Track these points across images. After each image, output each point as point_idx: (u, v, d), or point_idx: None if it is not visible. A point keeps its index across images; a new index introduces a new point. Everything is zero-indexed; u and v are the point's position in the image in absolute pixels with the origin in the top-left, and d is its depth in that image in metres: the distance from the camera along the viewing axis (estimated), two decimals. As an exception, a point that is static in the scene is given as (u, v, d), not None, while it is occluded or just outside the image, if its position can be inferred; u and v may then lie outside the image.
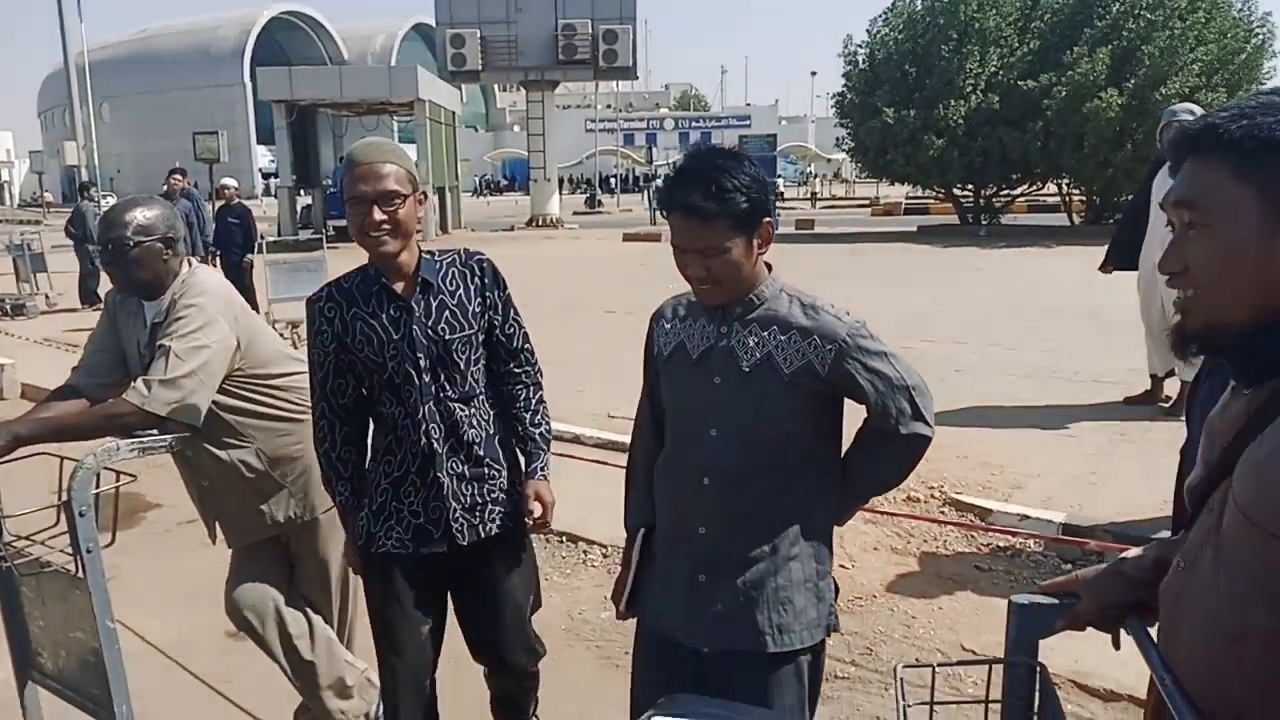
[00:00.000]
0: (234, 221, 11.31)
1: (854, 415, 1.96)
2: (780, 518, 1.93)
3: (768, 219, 1.87)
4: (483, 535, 2.35)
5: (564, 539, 4.56)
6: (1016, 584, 3.98)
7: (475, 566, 2.40)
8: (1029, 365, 7.76)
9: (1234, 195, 1.09)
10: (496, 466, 2.38)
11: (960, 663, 1.80)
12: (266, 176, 46.07)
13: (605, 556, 4.41)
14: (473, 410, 2.35)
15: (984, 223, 22.55)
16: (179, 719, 3.15)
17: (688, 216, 1.81)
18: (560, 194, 30.96)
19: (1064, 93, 19.12)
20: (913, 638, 3.59)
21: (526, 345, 2.47)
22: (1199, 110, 1.72)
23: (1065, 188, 22.44)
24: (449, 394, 2.31)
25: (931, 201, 27.05)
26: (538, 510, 2.40)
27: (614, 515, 2.24)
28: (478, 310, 2.35)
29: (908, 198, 30.41)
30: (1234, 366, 1.19)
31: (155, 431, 2.43)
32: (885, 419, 1.91)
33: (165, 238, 2.57)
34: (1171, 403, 6.20)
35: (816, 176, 47.23)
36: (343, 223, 16.92)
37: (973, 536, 4.48)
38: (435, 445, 2.30)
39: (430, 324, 2.29)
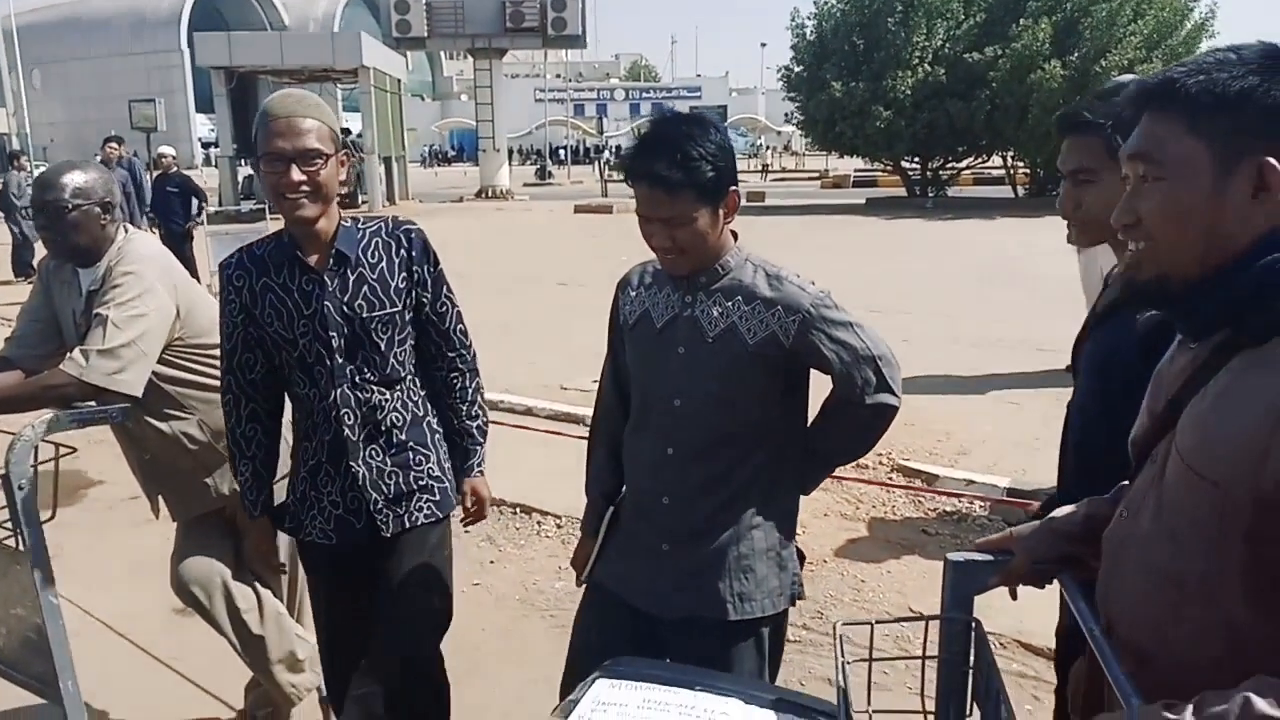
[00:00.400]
0: (173, 190, 11.01)
1: (821, 385, 1.98)
2: (744, 487, 1.93)
3: (734, 188, 1.86)
4: (408, 526, 2.23)
5: (517, 510, 4.57)
6: (963, 547, 4.07)
7: (396, 557, 2.26)
8: (974, 334, 7.90)
9: (1189, 149, 1.11)
10: (424, 451, 2.25)
11: (898, 619, 1.86)
12: (206, 146, 44.83)
13: (559, 527, 4.42)
14: (396, 395, 2.20)
15: (930, 195, 22.82)
16: (127, 696, 3.10)
17: (654, 186, 1.79)
18: (510, 165, 30.63)
19: (1008, 65, 19.38)
20: (862, 600, 3.67)
21: (460, 327, 2.30)
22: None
23: (1010, 160, 22.78)
24: (367, 377, 2.15)
25: (880, 174, 27.26)
26: (471, 505, 2.34)
27: (567, 486, 2.24)
28: (402, 286, 2.17)
29: (856, 171, 30.60)
30: (1181, 320, 1.21)
31: (93, 403, 2.37)
32: (851, 389, 1.91)
33: (103, 202, 2.49)
34: (1111, 370, 6.37)
35: (768, 149, 47.33)
36: (287, 193, 16.43)
37: (920, 501, 4.57)
38: (348, 433, 2.16)
39: (346, 300, 2.12)
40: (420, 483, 2.24)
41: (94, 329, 2.37)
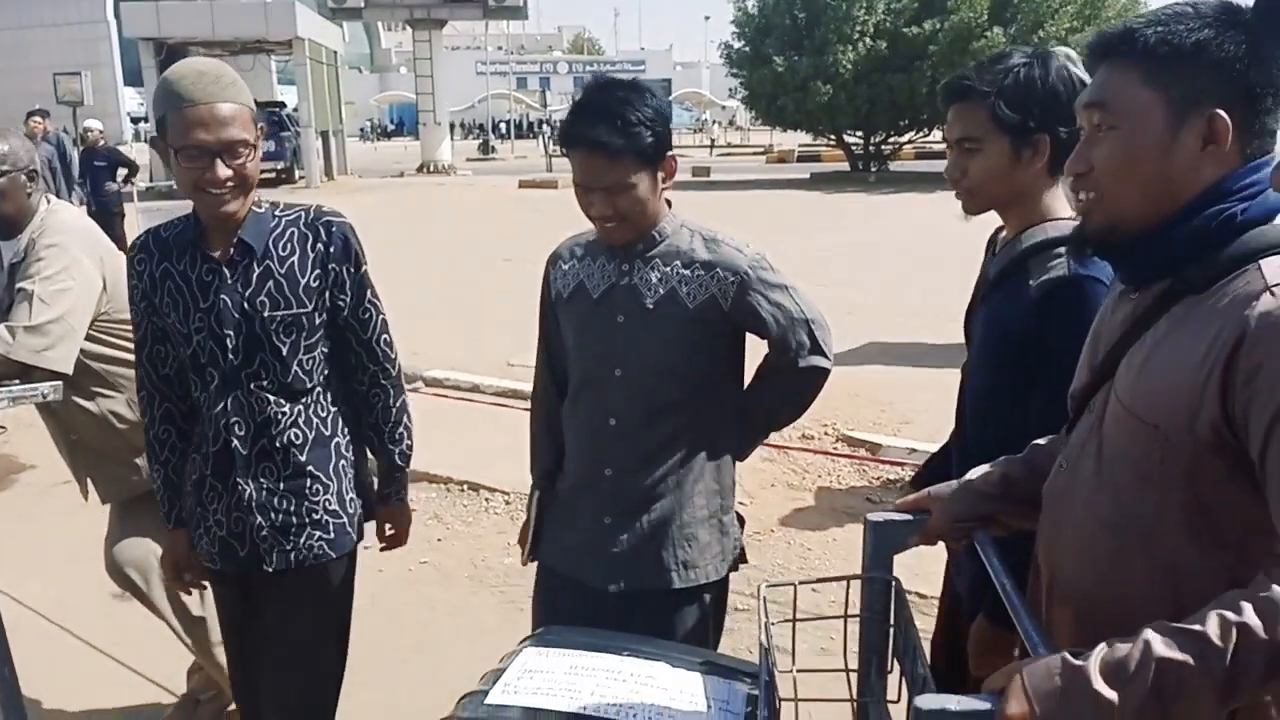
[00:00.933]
0: (101, 165, 10.68)
1: (755, 351, 1.99)
2: (685, 455, 1.93)
3: (671, 153, 1.85)
4: (293, 564, 1.98)
5: (465, 487, 4.54)
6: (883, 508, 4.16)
7: (284, 599, 2.04)
8: (917, 305, 8.02)
9: (1143, 99, 1.14)
10: (324, 481, 1.99)
11: (820, 580, 1.89)
12: (135, 121, 43.50)
13: (507, 504, 4.41)
14: (299, 409, 1.96)
15: (874, 169, 23.03)
16: (65, 683, 3.03)
17: (593, 153, 1.77)
18: (452, 139, 30.19)
19: (947, 39, 19.59)
20: (809, 569, 3.72)
21: (384, 338, 2.06)
22: (1076, 56, 1.77)
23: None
24: (264, 385, 1.93)
25: (824, 149, 27.43)
26: (382, 537, 2.17)
27: (514, 462, 2.22)
28: (314, 285, 1.93)
29: (801, 146, 30.76)
30: (1125, 269, 1.25)
31: (18, 381, 2.29)
32: (785, 352, 1.93)
33: (28, 170, 2.40)
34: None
35: (714, 124, 47.31)
36: (221, 169, 16.21)
37: (865, 470, 4.65)
38: (237, 445, 1.94)
39: (246, 295, 1.90)
40: (314, 516, 1.99)
41: (19, 304, 2.28)
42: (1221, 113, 1.11)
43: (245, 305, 1.90)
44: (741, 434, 2.06)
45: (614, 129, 1.75)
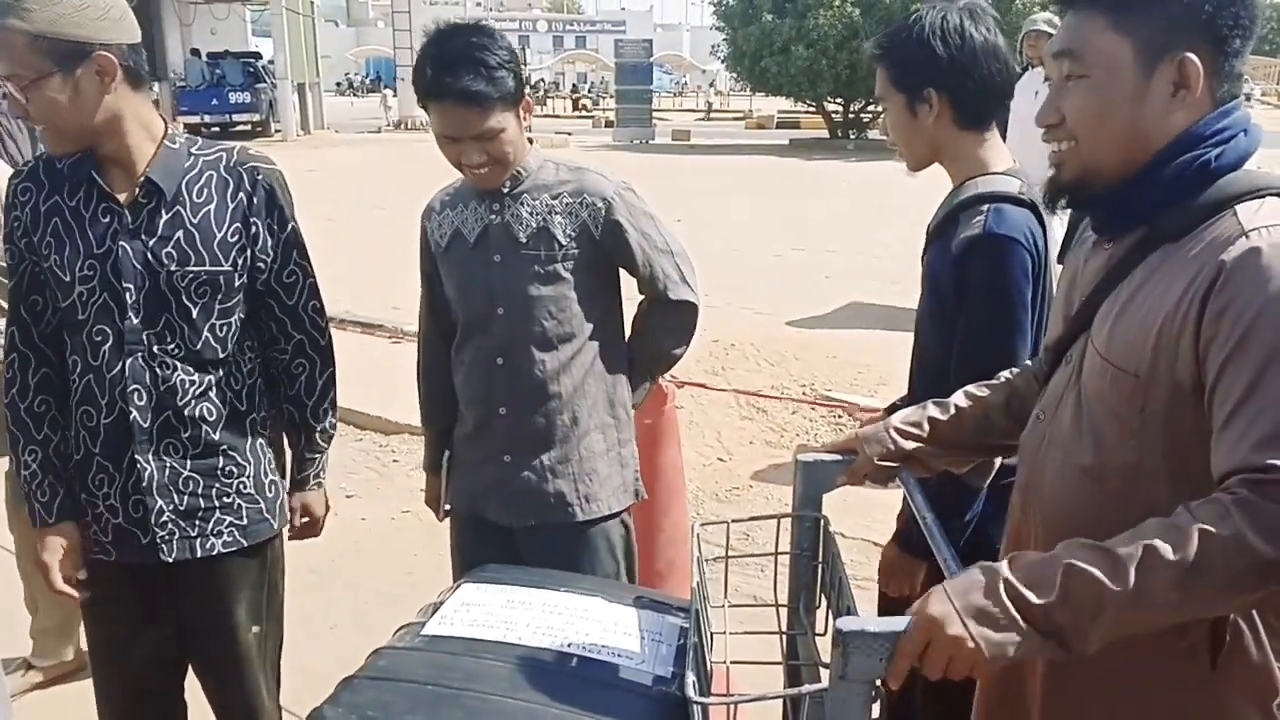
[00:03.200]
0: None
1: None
2: (576, 390, 1.96)
3: (526, 91, 1.88)
4: (199, 554, 1.74)
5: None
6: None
7: (195, 598, 1.81)
8: (893, 270, 8.07)
9: (1111, 46, 1.14)
10: (239, 461, 1.77)
11: (752, 518, 1.95)
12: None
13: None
14: (210, 379, 1.73)
15: (852, 137, 23.01)
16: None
17: (462, 104, 1.76)
18: (429, 96, 29.74)
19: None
20: (786, 523, 3.80)
21: (313, 304, 1.83)
22: (1059, 21, 1.79)
23: (930, 103, 23.08)
24: (170, 349, 1.68)
25: (803, 115, 27.34)
26: (299, 523, 1.92)
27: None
28: (233, 241, 1.70)
29: (780, 112, 30.63)
30: (1099, 218, 1.26)
31: None
32: (654, 284, 1.98)
33: None
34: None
35: (711, 87, 46.92)
36: (194, 118, 16.04)
37: (841, 429, 4.72)
38: (136, 417, 1.68)
39: (151, 245, 1.66)
40: (225, 499, 1.76)
41: None
42: (1192, 56, 1.11)
43: (149, 257, 1.66)
44: (632, 377, 2.09)
45: (480, 77, 1.75)
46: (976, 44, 1.70)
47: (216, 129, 22.44)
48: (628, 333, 2.10)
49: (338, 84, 53.44)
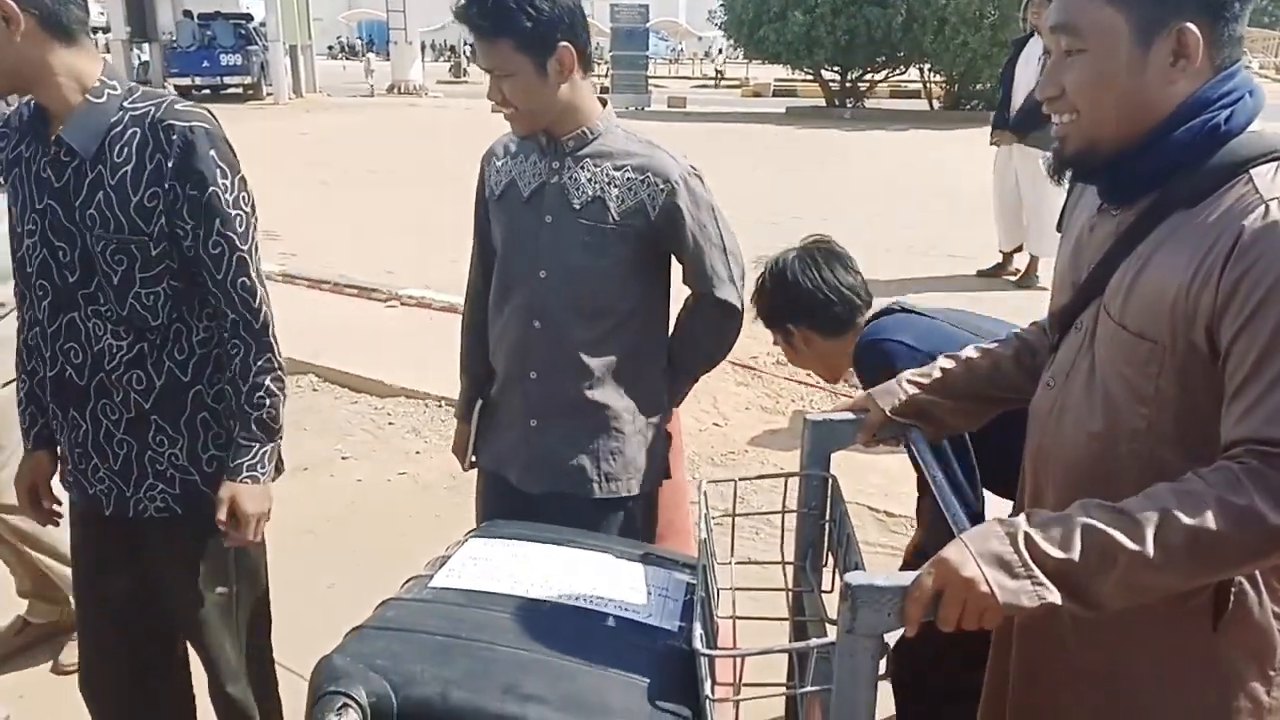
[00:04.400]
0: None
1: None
2: (609, 367, 1.92)
3: (565, 43, 1.77)
4: (132, 513, 1.75)
5: (443, 403, 4.57)
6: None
7: (146, 547, 1.83)
8: (889, 241, 8.07)
9: (1107, 19, 1.14)
10: (170, 434, 1.73)
11: (759, 476, 1.98)
12: (96, 31, 41.91)
13: (484, 419, 4.45)
14: (142, 347, 1.67)
15: (849, 106, 22.86)
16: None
17: (473, 32, 1.75)
18: (423, 61, 29.46)
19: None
20: (780, 487, 3.82)
21: (241, 281, 1.68)
22: None
23: (926, 73, 22.92)
24: (100, 310, 1.65)
25: (800, 83, 27.14)
26: (223, 516, 1.72)
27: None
28: (149, 205, 1.60)
29: (776, 80, 30.37)
30: (1107, 187, 1.25)
31: None
32: (701, 279, 1.92)
33: None
34: (1019, 275, 6.61)
35: (695, 56, 46.49)
36: (184, 80, 15.90)
37: (836, 395, 4.73)
38: (71, 374, 1.69)
39: (76, 205, 1.61)
40: (157, 466, 1.74)
41: None
42: (1190, 26, 1.10)
43: (76, 217, 1.61)
44: (670, 373, 2.05)
45: (485, 10, 1.72)
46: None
47: (207, 91, 22.22)
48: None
49: (330, 47, 52.82)
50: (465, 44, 45.59)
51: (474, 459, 2.14)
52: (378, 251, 7.31)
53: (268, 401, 1.74)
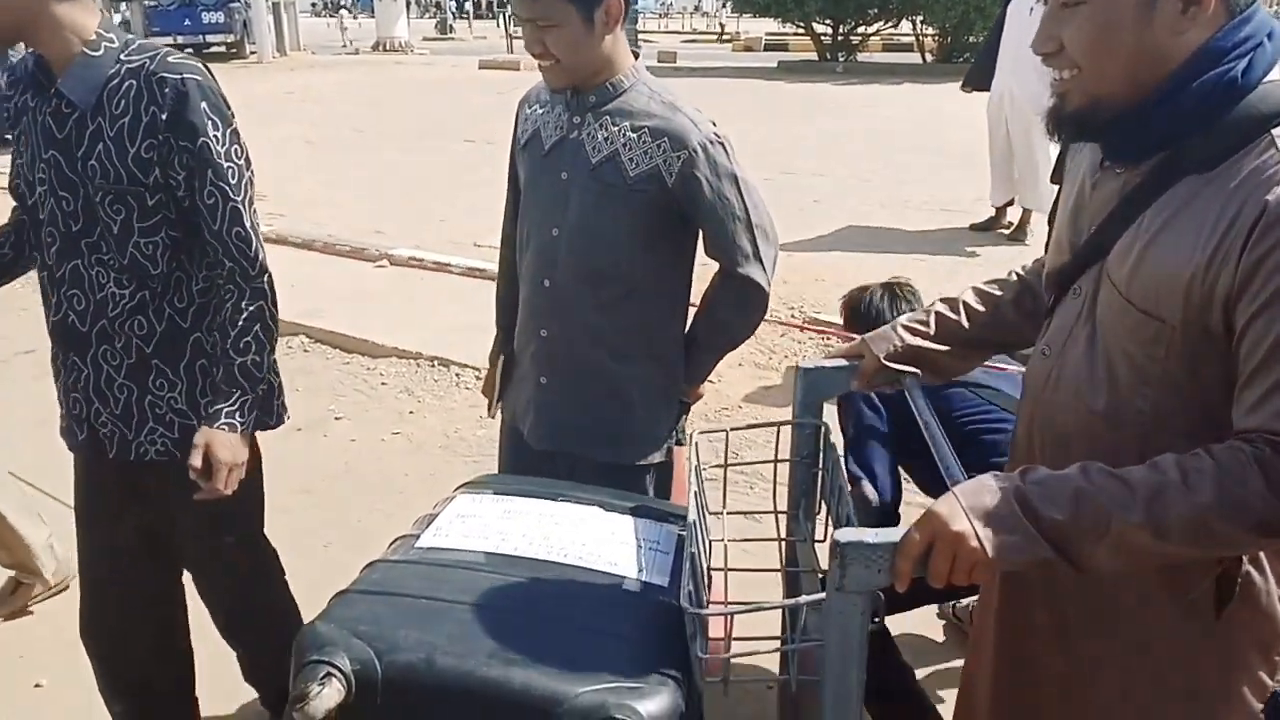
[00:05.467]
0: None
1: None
2: (622, 330, 1.88)
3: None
4: (133, 456, 1.80)
5: (435, 362, 4.56)
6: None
7: (151, 489, 1.87)
8: (882, 195, 8.02)
9: None
10: (170, 378, 1.77)
11: (750, 426, 1.95)
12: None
13: (478, 379, 4.43)
14: (144, 295, 1.72)
15: (841, 59, 22.62)
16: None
17: None
18: (408, 17, 28.99)
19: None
20: (784, 435, 3.83)
21: (237, 230, 1.71)
22: None
23: (918, 26, 22.66)
24: (103, 258, 1.70)
25: (791, 37, 26.80)
26: (197, 463, 1.69)
27: (485, 339, 2.21)
28: (145, 156, 1.64)
29: (768, 34, 29.99)
30: (1115, 146, 1.16)
31: None
32: (722, 252, 1.84)
33: None
34: (1013, 228, 6.59)
35: (685, 10, 45.84)
36: (166, 39, 15.69)
37: (829, 350, 4.74)
38: (74, 320, 1.74)
39: (78, 156, 1.65)
40: (157, 411, 1.78)
41: None
42: None
43: (79, 168, 1.66)
44: (690, 351, 1.99)
45: None
46: None
47: (189, 50, 21.79)
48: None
49: (313, 4, 51.89)
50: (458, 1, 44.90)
51: (499, 405, 2.14)
52: (367, 211, 7.24)
53: (253, 348, 1.74)
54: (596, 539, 1.40)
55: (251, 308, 1.74)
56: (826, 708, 1.10)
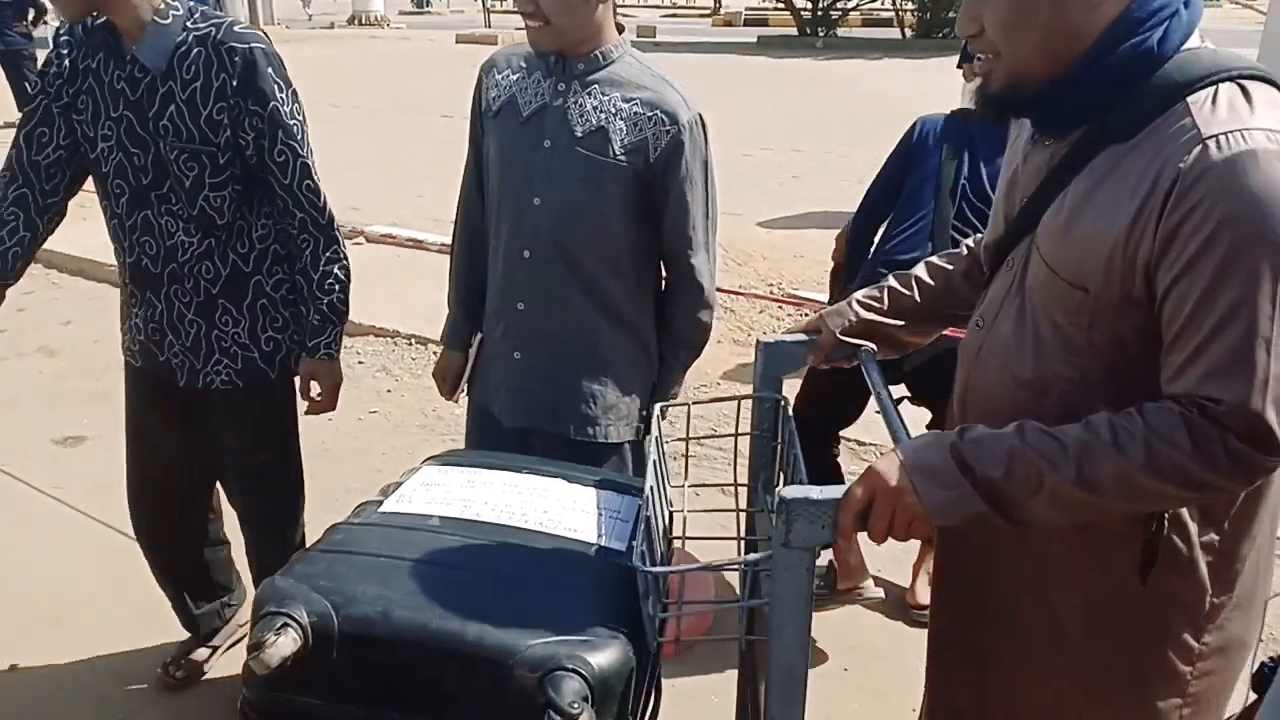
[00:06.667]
0: (5, 1, 9.86)
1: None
2: (598, 308, 1.86)
3: None
4: (200, 384, 2.02)
5: (412, 341, 4.53)
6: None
7: (214, 421, 2.11)
8: (861, 171, 8.01)
9: None
10: (234, 315, 1.98)
11: (712, 400, 1.97)
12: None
13: (455, 356, 4.42)
14: (210, 242, 1.91)
15: (821, 34, 22.56)
16: (19, 528, 3.03)
17: None
18: (384, -10, 28.60)
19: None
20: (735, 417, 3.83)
21: (307, 184, 1.91)
22: None
23: (898, 1, 22.62)
24: (173, 208, 1.88)
25: (771, 12, 26.71)
26: (315, 393, 2.03)
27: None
28: (217, 118, 1.81)
29: (748, 9, 29.86)
30: (1041, 120, 1.17)
31: None
32: (676, 235, 1.83)
33: None
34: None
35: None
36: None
37: (808, 329, 4.75)
38: (147, 264, 1.93)
39: (150, 115, 1.81)
40: (222, 344, 2.00)
41: None
42: None
43: (150, 126, 1.82)
44: (659, 366, 1.98)
45: None
46: None
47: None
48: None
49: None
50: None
51: (465, 390, 2.10)
52: (343, 187, 7.15)
53: (337, 287, 1.99)
54: (558, 507, 1.42)
55: (328, 252, 1.96)
56: (773, 662, 1.12)
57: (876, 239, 2.75)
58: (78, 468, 3.36)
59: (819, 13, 22.89)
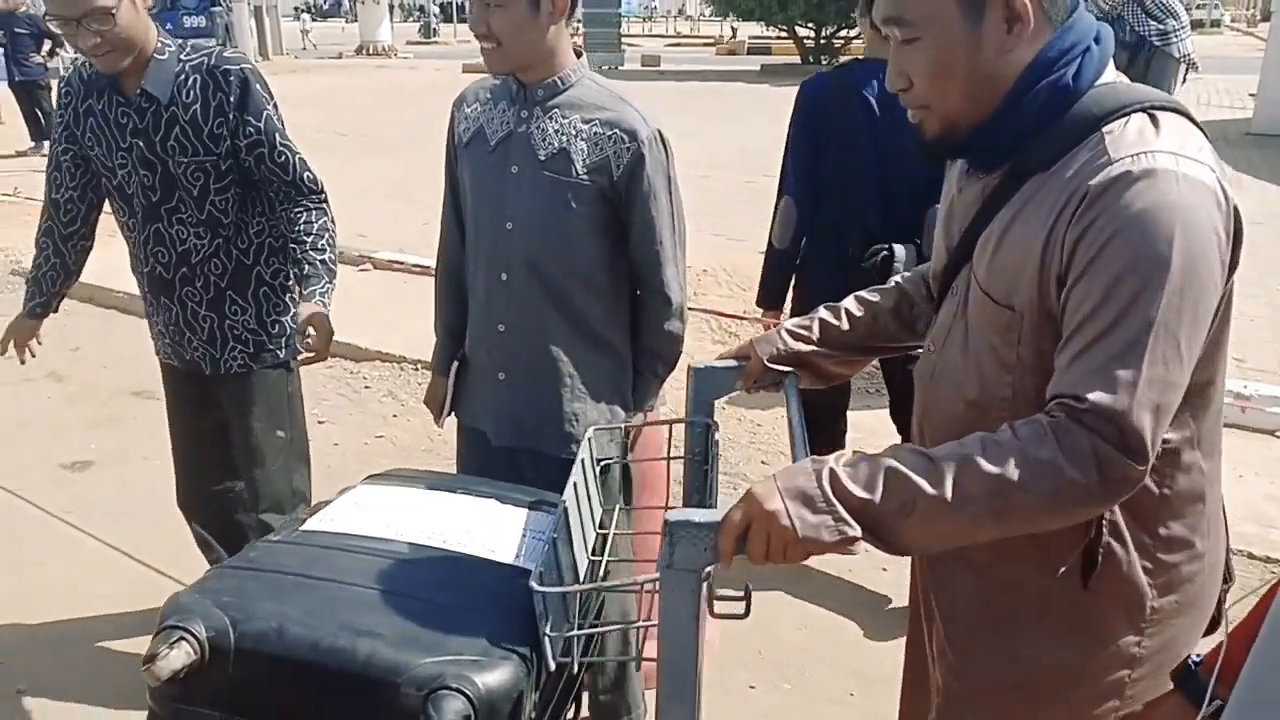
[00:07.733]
0: (22, 32, 10.00)
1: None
2: (575, 328, 1.90)
3: None
4: (223, 371, 2.28)
5: (418, 366, 4.55)
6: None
7: (226, 400, 2.35)
8: (865, 198, 8.06)
9: (933, 3, 1.10)
10: (241, 304, 2.25)
11: (646, 424, 1.97)
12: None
13: (460, 381, 4.44)
14: (218, 241, 2.18)
15: (824, 63, 22.75)
16: (23, 553, 3.05)
17: None
18: (391, 21, 28.95)
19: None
20: (759, 442, 3.85)
21: (306, 174, 2.20)
22: None
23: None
24: (183, 218, 2.15)
25: (774, 41, 26.94)
26: (311, 336, 2.08)
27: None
28: (218, 132, 2.09)
29: (751, 38, 30.13)
30: (972, 160, 1.24)
31: None
32: (643, 247, 1.87)
33: None
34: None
35: (669, 14, 45.96)
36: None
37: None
38: (160, 271, 2.20)
39: (157, 139, 2.09)
40: (235, 332, 2.26)
41: None
42: None
43: (158, 149, 2.09)
44: (635, 378, 2.00)
45: None
46: None
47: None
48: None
49: (296, 8, 51.75)
50: (435, 3, 44.84)
51: (451, 413, 2.12)
52: (350, 214, 7.18)
53: (328, 247, 2.19)
54: (483, 528, 1.43)
55: (323, 218, 2.21)
56: (663, 680, 1.13)
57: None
58: (85, 492, 3.38)
59: (821, 41, 23.10)
